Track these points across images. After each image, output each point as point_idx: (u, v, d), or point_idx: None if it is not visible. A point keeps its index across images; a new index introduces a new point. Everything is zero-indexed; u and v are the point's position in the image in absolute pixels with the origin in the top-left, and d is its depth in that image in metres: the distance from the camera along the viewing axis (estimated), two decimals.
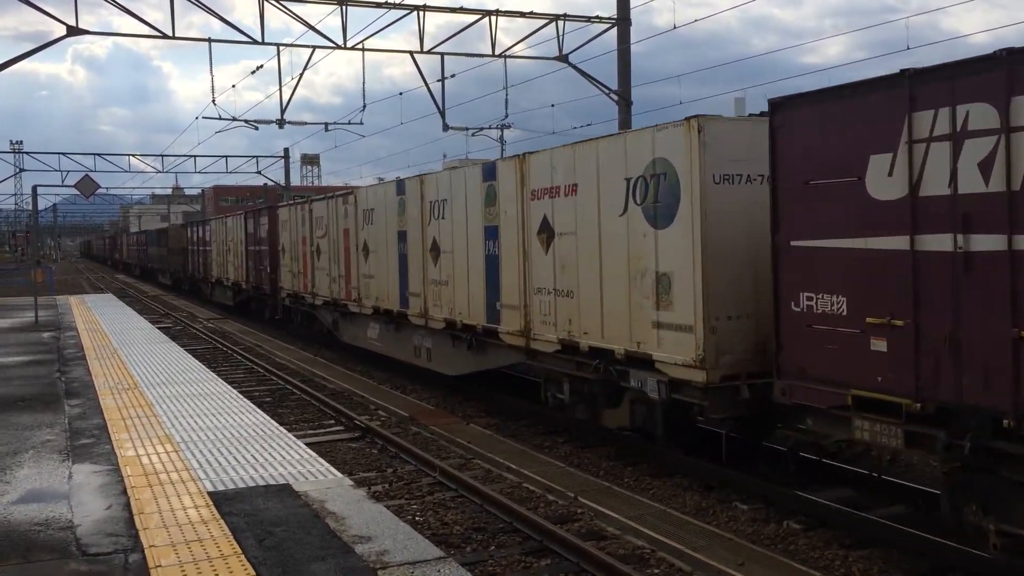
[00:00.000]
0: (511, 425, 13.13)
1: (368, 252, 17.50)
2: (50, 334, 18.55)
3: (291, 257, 23.09)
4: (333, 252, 19.54)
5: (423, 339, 15.60)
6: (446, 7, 21.68)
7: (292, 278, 23.03)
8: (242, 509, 6.25)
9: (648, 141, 9.66)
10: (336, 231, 19.38)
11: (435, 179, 14.76)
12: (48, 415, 9.81)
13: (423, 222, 15.05)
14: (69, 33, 19.24)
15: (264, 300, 27.03)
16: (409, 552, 5.42)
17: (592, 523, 8.44)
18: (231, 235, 31.15)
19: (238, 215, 30.50)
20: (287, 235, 23.50)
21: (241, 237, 29.33)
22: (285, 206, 24.24)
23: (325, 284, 20.18)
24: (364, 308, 17.77)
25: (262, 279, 26.57)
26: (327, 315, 20.53)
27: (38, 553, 5.51)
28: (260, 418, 9.54)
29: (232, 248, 30.93)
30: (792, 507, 8.72)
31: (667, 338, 9.40)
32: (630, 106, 21.19)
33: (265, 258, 25.91)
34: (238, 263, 30.06)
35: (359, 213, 18.08)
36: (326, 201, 20.14)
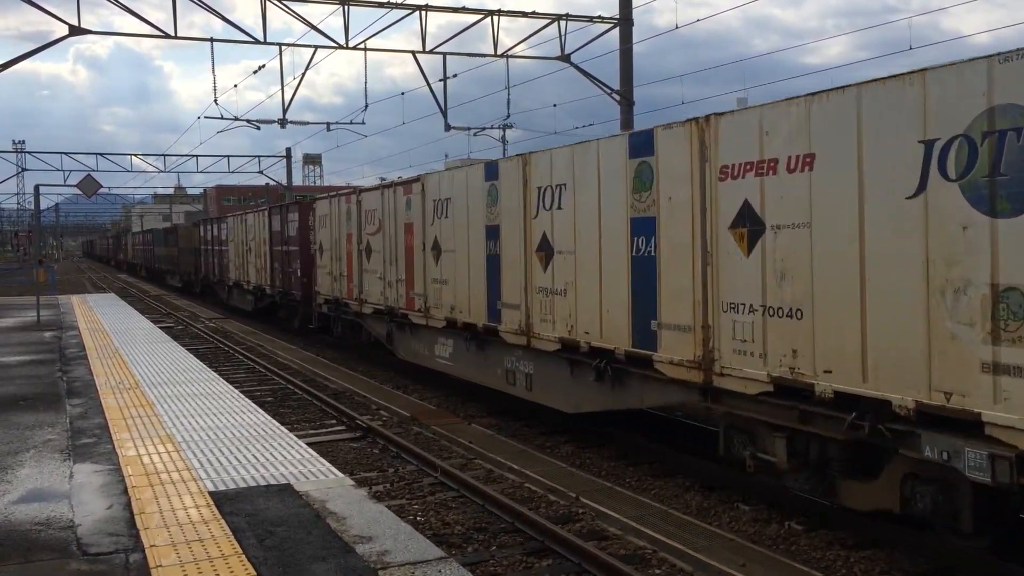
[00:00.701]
0: (512, 425, 13.12)
1: (440, 252, 14.38)
2: (52, 333, 18.56)
3: (331, 258, 19.85)
4: (389, 252, 16.50)
5: (520, 362, 12.40)
6: (448, 7, 21.68)
7: (332, 282, 19.79)
8: (243, 509, 6.25)
9: (979, 79, 6.21)
10: (393, 227, 16.29)
11: (549, 157, 11.34)
12: (49, 414, 9.81)
13: (526, 214, 11.81)
14: (71, 33, 19.26)
15: (293, 307, 23.81)
16: (410, 552, 5.41)
17: (594, 523, 8.43)
18: (252, 233, 28.30)
19: (261, 211, 27.50)
20: (326, 232, 20.23)
21: (264, 236, 26.46)
22: (324, 198, 20.69)
23: (377, 289, 17.08)
24: (433, 320, 14.65)
25: (291, 283, 23.67)
26: (379, 326, 17.27)
27: (39, 552, 5.50)
28: (261, 418, 9.54)
29: (254, 248, 28.02)
30: (794, 508, 8.71)
31: (1017, 390, 6.05)
32: (632, 106, 21.18)
33: (295, 259, 23.09)
34: (261, 265, 27.10)
35: (427, 204, 14.81)
36: (380, 192, 17.07)
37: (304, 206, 22.76)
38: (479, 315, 13.04)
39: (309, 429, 12.99)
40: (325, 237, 20.42)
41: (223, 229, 33.06)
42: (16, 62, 20.14)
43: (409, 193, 15.60)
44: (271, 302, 26.50)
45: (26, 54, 20.50)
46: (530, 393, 12.20)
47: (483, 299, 12.87)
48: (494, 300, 12.63)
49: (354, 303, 18.40)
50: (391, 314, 16.38)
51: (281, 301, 25.18)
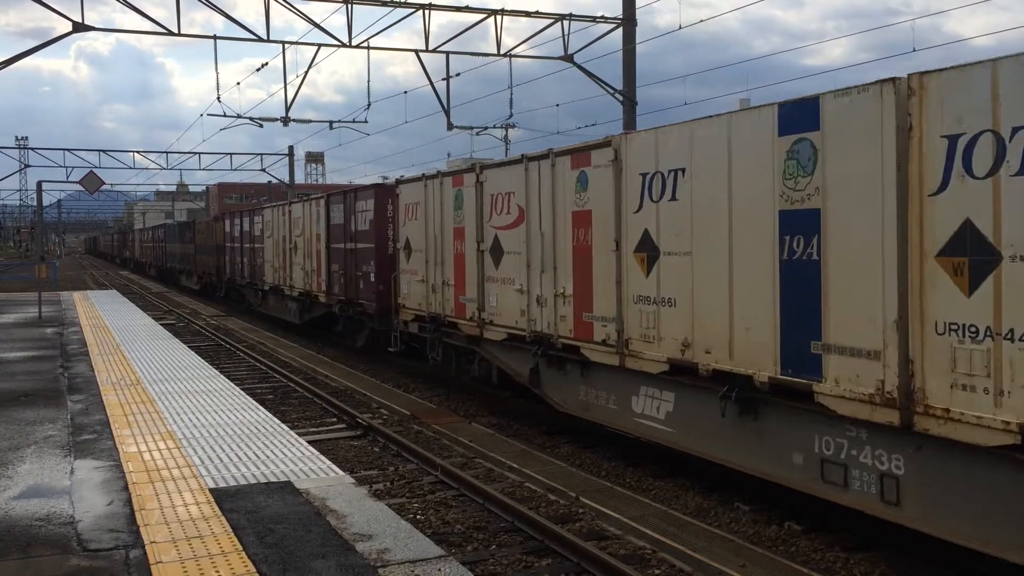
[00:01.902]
0: (513, 424, 13.13)
1: (657, 254, 9.37)
2: (53, 330, 18.58)
3: (428, 260, 14.97)
4: (539, 252, 11.59)
5: (867, 452, 7.27)
6: (452, 6, 21.68)
7: (427, 293, 15.02)
8: (243, 506, 6.25)
9: None
10: (547, 217, 11.35)
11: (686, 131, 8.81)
12: (50, 410, 9.82)
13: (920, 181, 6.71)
14: (75, 29, 19.26)
15: (360, 321, 19.16)
16: (410, 550, 5.41)
17: (593, 523, 8.43)
18: (300, 228, 23.24)
19: (314, 200, 22.35)
20: (416, 226, 15.56)
21: (318, 231, 21.66)
22: (413, 181, 15.87)
23: (513, 306, 12.27)
24: (639, 359, 9.65)
25: (358, 290, 18.79)
26: (515, 359, 12.53)
27: (39, 548, 5.51)
28: (262, 415, 9.54)
29: (302, 246, 23.00)
30: (794, 509, 8.70)
31: None
32: (635, 106, 21.17)
33: (367, 261, 18.28)
34: (311, 266, 22.15)
35: (629, 179, 9.75)
36: (523, 165, 11.88)
37: (383, 191, 18.07)
38: (752, 359, 8.15)
39: (310, 427, 13.00)
40: (415, 232, 15.56)
41: (257, 223, 27.85)
42: (19, 58, 20.14)
43: (594, 165, 10.38)
44: (326, 313, 21.52)
45: (30, 50, 20.51)
46: (899, 511, 7.01)
47: (769, 332, 7.94)
48: (797, 333, 7.68)
49: (467, 323, 13.55)
50: (541, 344, 11.59)
51: (342, 313, 20.00)
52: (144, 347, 15.45)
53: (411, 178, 16.08)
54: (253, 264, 28.61)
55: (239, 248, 30.53)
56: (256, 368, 18.87)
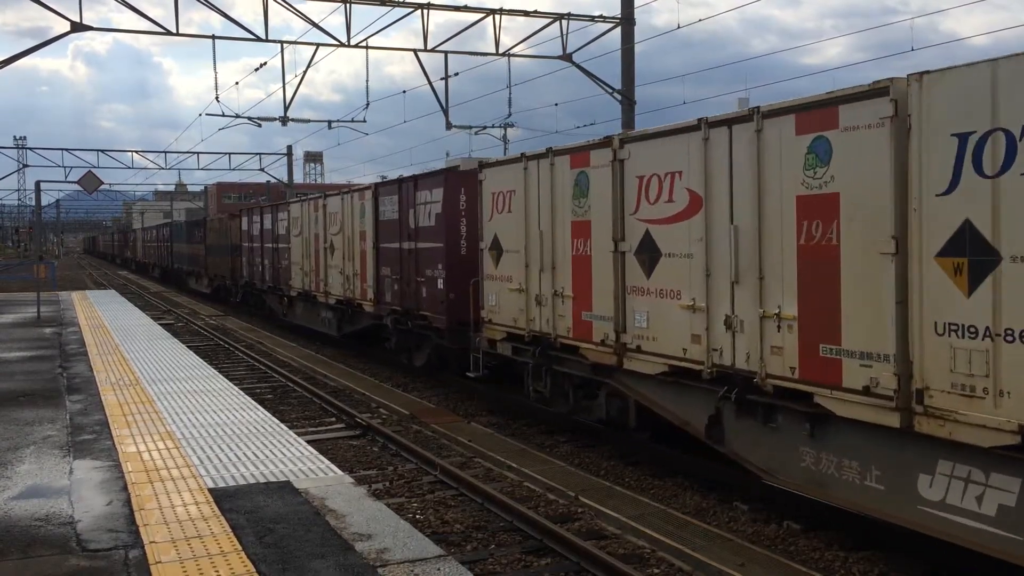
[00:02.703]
0: (512, 424, 13.13)
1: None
2: (52, 330, 18.57)
3: (531, 264, 11.78)
4: (734, 256, 8.28)
5: None
6: (450, 5, 21.69)
7: (529, 306, 11.84)
8: (243, 506, 6.25)
9: None
10: (747, 204, 8.14)
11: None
12: (49, 410, 9.81)
13: None
14: (73, 29, 19.26)
15: (421, 336, 16.05)
16: (409, 550, 5.41)
17: (592, 522, 8.44)
18: (338, 225, 19.92)
19: (357, 192, 19.10)
20: (512, 221, 12.21)
21: (362, 228, 18.39)
22: (506, 164, 12.60)
23: (677, 329, 9.08)
24: (949, 422, 6.33)
25: (421, 300, 15.55)
26: (680, 402, 9.37)
27: (38, 548, 5.51)
28: (261, 415, 9.54)
29: (341, 245, 19.69)
30: (793, 507, 8.71)
31: None
32: (633, 106, 21.18)
33: (434, 264, 15.07)
34: (354, 270, 18.86)
35: (931, 142, 6.40)
36: (701, 134, 8.67)
37: (456, 178, 14.72)
38: None
39: (309, 427, 13.00)
40: (509, 228, 12.34)
41: (281, 220, 24.69)
42: (18, 58, 20.13)
43: (827, 128, 7.24)
44: (373, 325, 18.39)
45: (28, 50, 20.51)
46: None
47: None
48: None
49: (594, 348, 10.45)
50: (730, 384, 8.36)
51: (397, 326, 16.77)
52: (143, 347, 15.45)
53: (503, 159, 12.90)
54: (276, 267, 25.15)
55: (259, 248, 27.19)
56: (255, 368, 18.87)
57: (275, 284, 25.42)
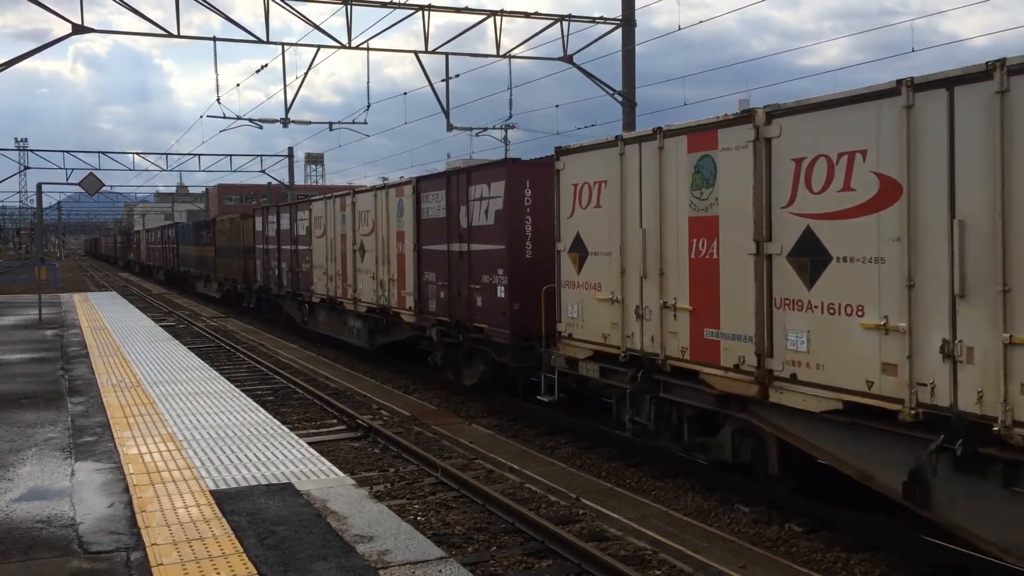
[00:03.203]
0: (513, 426, 13.14)
1: None
2: (54, 331, 18.58)
3: (629, 269, 9.97)
4: (957, 259, 6.41)
5: None
6: (451, 7, 21.71)
7: (626, 320, 10.04)
8: (244, 508, 6.26)
9: None
10: (980, 190, 6.31)
11: None
12: (51, 412, 9.82)
13: None
14: (75, 31, 19.28)
15: (474, 351, 14.19)
16: (411, 552, 5.41)
17: (594, 524, 8.44)
18: (369, 224, 17.89)
19: (393, 187, 17.01)
20: (600, 217, 10.47)
21: (399, 228, 16.44)
22: (594, 149, 10.70)
23: (857, 353, 7.23)
24: None
25: (475, 309, 13.70)
26: (860, 452, 7.41)
27: (40, 550, 5.51)
28: (262, 417, 9.55)
29: (373, 247, 17.68)
30: (794, 509, 8.71)
31: None
32: (634, 107, 21.19)
33: (492, 269, 13.17)
34: (389, 274, 16.88)
35: None
36: (903, 99, 6.73)
37: (520, 169, 12.87)
38: None
39: (310, 428, 13.00)
40: (595, 226, 10.52)
41: (301, 219, 22.90)
42: (19, 60, 20.16)
43: None
44: (413, 338, 16.51)
45: (30, 52, 20.54)
46: None
47: None
48: None
49: (722, 376, 8.66)
50: (946, 431, 6.53)
51: (444, 339, 14.88)
52: (144, 349, 15.46)
53: (590, 144, 10.73)
54: (295, 270, 23.24)
55: (275, 251, 25.27)
56: (256, 369, 18.88)
57: (294, 289, 23.49)
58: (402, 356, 18.07)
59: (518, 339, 12.63)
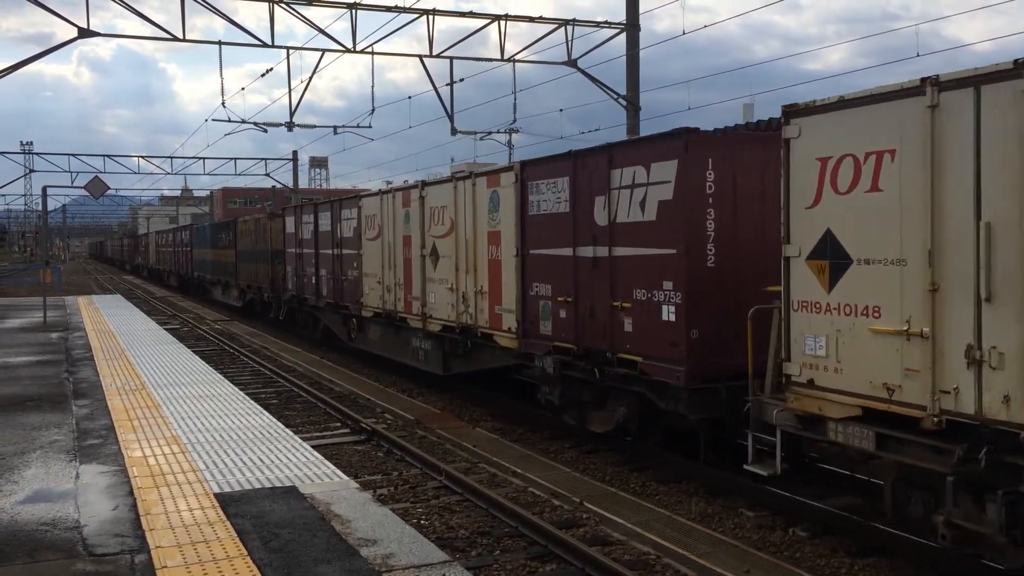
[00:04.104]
0: (517, 429, 13.13)
1: None
2: (58, 334, 18.62)
3: (957, 286, 6.48)
4: None
5: None
6: (456, 11, 21.77)
7: (954, 371, 6.48)
8: (248, 511, 6.27)
9: None
10: None
11: None
12: (56, 415, 9.84)
13: None
14: (81, 35, 19.34)
15: (617, 391, 10.76)
16: (414, 555, 5.42)
17: (597, 528, 8.44)
18: (447, 223, 14.72)
19: (489, 175, 13.58)
20: (893, 202, 6.91)
21: (494, 228, 13.18)
22: (863, 104, 7.15)
23: None
24: None
25: (624, 337, 10.36)
26: None
27: (45, 553, 5.53)
28: (266, 420, 9.56)
29: (453, 252, 14.42)
30: (798, 514, 8.70)
31: None
32: (638, 111, 21.20)
33: (654, 281, 9.89)
34: (477, 287, 13.65)
35: None
36: None
37: (703, 144, 9.65)
38: None
39: (314, 432, 13.01)
40: (869, 219, 7.16)
41: (347, 219, 19.72)
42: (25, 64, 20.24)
43: None
44: (511, 367, 13.53)
45: (36, 55, 20.61)
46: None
47: None
48: None
49: None
50: None
51: (565, 371, 11.50)
52: (149, 352, 15.49)
53: (859, 95, 7.24)
54: (338, 278, 20.09)
55: (311, 255, 22.08)
56: (260, 373, 18.89)
57: (337, 300, 20.27)
58: (489, 385, 15.09)
59: (697, 379, 9.35)
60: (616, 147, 10.76)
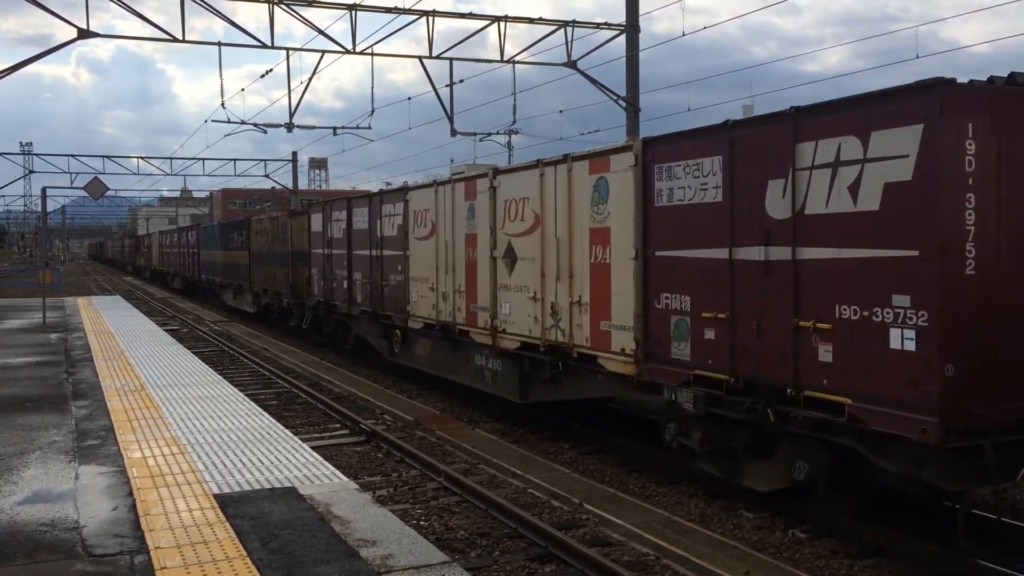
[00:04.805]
0: (516, 430, 13.13)
1: None
2: (58, 335, 18.62)
3: None
4: None
5: None
6: (455, 13, 21.79)
7: None
8: (248, 511, 6.26)
9: None
10: None
11: None
12: (55, 416, 9.84)
13: None
14: (81, 36, 19.34)
15: (788, 437, 8.19)
16: (414, 556, 5.42)
17: (597, 529, 8.44)
18: (528, 217, 12.18)
19: (590, 158, 10.92)
20: None
21: (596, 224, 10.70)
22: None
23: None
24: None
25: (809, 369, 7.68)
26: None
27: (44, 553, 5.52)
28: (266, 421, 9.56)
29: (536, 253, 11.98)
30: (798, 516, 8.70)
31: None
32: (638, 113, 21.21)
33: (883, 296, 7.08)
34: (572, 296, 11.09)
35: None
36: None
37: (965, 98, 6.87)
38: None
39: (313, 433, 13.01)
40: None
41: (390, 216, 17.14)
42: (25, 64, 20.24)
43: None
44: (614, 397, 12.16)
45: (36, 56, 20.60)
46: None
47: None
48: None
49: None
50: None
51: (711, 409, 8.84)
52: (148, 352, 15.48)
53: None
54: (376, 283, 17.65)
55: (343, 256, 19.55)
56: (259, 374, 18.89)
57: (375, 309, 17.70)
58: (568, 413, 12.74)
59: (954, 433, 6.71)
60: (806, 113, 7.89)
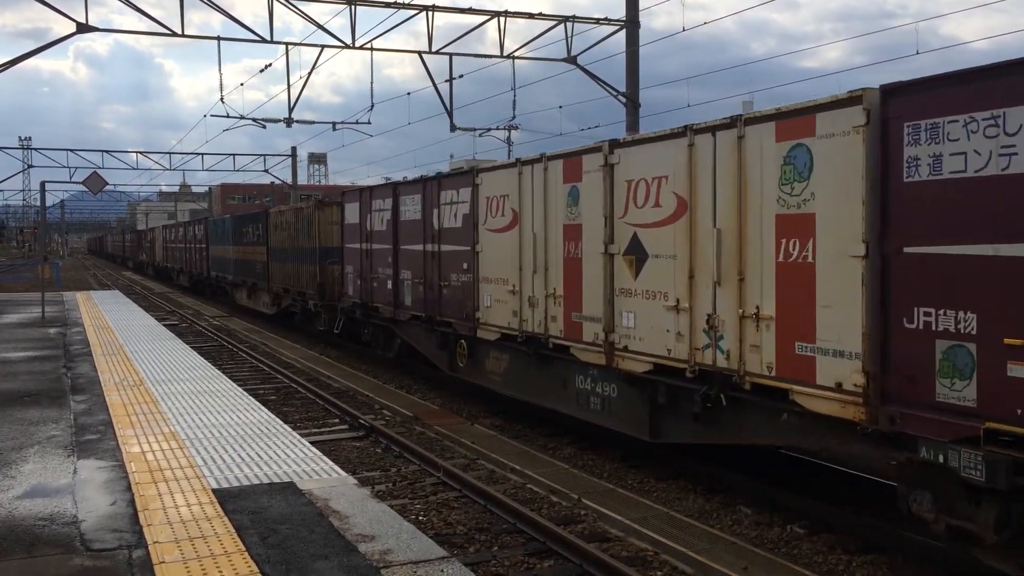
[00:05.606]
0: (515, 426, 13.14)
1: None
2: (56, 330, 18.60)
3: None
4: None
5: None
6: (455, 8, 21.75)
7: None
8: (246, 506, 6.26)
9: None
10: None
11: None
12: (54, 410, 9.83)
13: None
14: (79, 30, 19.31)
15: None
16: (412, 551, 5.42)
17: (595, 525, 8.44)
18: (666, 205, 9.33)
19: (764, 121, 7.99)
20: None
21: (784, 210, 7.77)
22: None
23: None
24: None
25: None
26: None
27: (42, 548, 5.52)
28: (265, 416, 9.55)
29: (686, 250, 9.04)
30: (796, 511, 8.70)
31: None
32: (638, 108, 21.19)
33: None
34: (743, 308, 8.24)
35: None
36: None
37: None
38: None
39: (312, 428, 13.01)
40: None
41: (450, 205, 14.58)
42: (24, 58, 20.20)
43: None
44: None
45: (33, 51, 20.56)
46: None
47: None
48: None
49: None
50: None
51: (1019, 475, 5.94)
52: (147, 347, 15.47)
53: None
54: (432, 283, 15.10)
55: (387, 252, 17.05)
56: (258, 369, 18.89)
57: (430, 313, 15.22)
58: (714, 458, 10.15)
59: None
60: None
